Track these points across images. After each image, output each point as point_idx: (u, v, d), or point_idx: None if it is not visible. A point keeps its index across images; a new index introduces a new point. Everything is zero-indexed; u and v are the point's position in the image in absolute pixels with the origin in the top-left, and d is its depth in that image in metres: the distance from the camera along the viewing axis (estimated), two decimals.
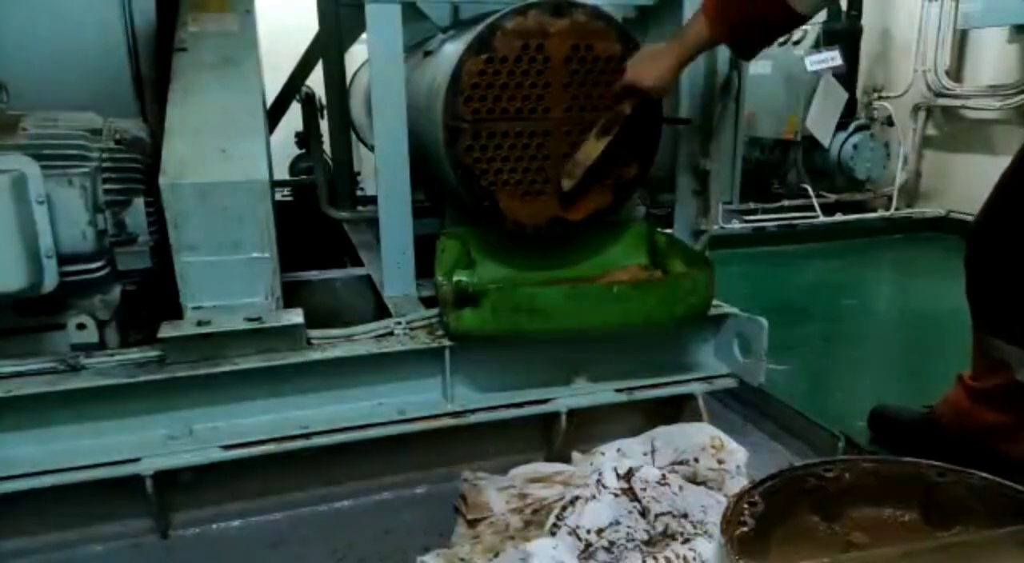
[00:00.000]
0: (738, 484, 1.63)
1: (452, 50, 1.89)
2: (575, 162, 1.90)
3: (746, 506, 1.20)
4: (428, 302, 2.03)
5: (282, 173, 3.94)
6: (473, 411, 1.82)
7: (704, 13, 1.72)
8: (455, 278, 1.89)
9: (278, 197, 3.40)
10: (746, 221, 4.64)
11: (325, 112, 3.13)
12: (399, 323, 1.88)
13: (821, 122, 4.83)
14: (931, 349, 2.86)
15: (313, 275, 2.34)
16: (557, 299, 1.73)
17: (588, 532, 1.44)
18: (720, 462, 1.70)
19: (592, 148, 1.89)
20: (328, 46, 3.00)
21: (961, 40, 4.82)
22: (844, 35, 4.86)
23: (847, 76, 4.88)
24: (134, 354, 1.71)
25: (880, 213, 5.00)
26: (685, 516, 1.51)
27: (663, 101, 1.99)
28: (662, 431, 1.82)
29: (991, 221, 1.69)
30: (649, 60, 1.82)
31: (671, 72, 1.80)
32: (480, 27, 1.80)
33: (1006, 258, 1.65)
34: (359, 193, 3.46)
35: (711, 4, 1.71)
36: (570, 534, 1.44)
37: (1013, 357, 1.66)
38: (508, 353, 1.89)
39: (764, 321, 1.89)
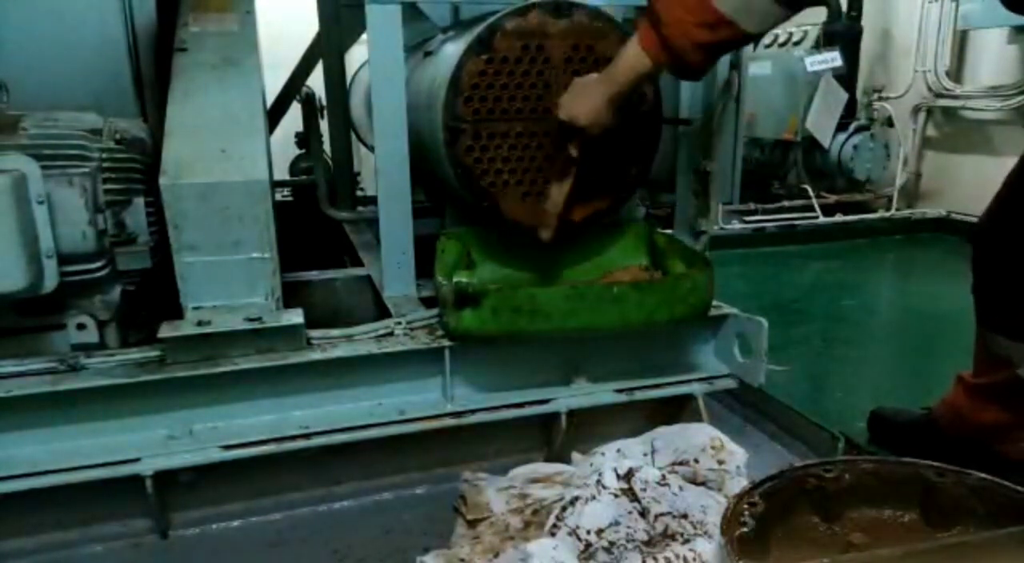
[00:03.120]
0: (738, 485, 1.63)
1: (452, 50, 1.89)
2: (546, 212, 1.88)
3: (746, 506, 1.20)
4: (428, 302, 2.03)
5: (282, 173, 3.94)
6: (473, 411, 1.82)
7: (642, 43, 1.59)
8: (455, 279, 1.89)
9: (278, 197, 3.40)
10: (746, 222, 4.65)
11: (325, 112, 3.14)
12: (399, 323, 1.88)
13: (821, 123, 4.84)
14: (931, 350, 2.86)
15: (313, 275, 2.34)
16: (557, 300, 1.73)
17: (588, 532, 1.44)
18: (720, 463, 1.70)
19: (557, 195, 1.86)
20: (328, 46, 3.00)
21: (961, 41, 4.83)
22: (844, 36, 4.87)
23: (847, 77, 4.89)
24: (134, 354, 1.71)
25: (880, 214, 5.01)
26: (685, 516, 1.51)
27: (662, 102, 1.99)
28: (662, 432, 1.82)
29: (999, 218, 1.69)
30: (582, 96, 1.71)
31: (604, 109, 1.68)
32: (480, 27, 1.80)
33: (1013, 254, 1.65)
34: (359, 193, 3.46)
35: (649, 34, 1.57)
36: (570, 534, 1.44)
37: (1016, 353, 1.66)
38: (508, 353, 1.89)
39: (764, 321, 1.89)
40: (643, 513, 1.49)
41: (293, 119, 3.43)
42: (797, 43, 4.99)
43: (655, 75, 1.70)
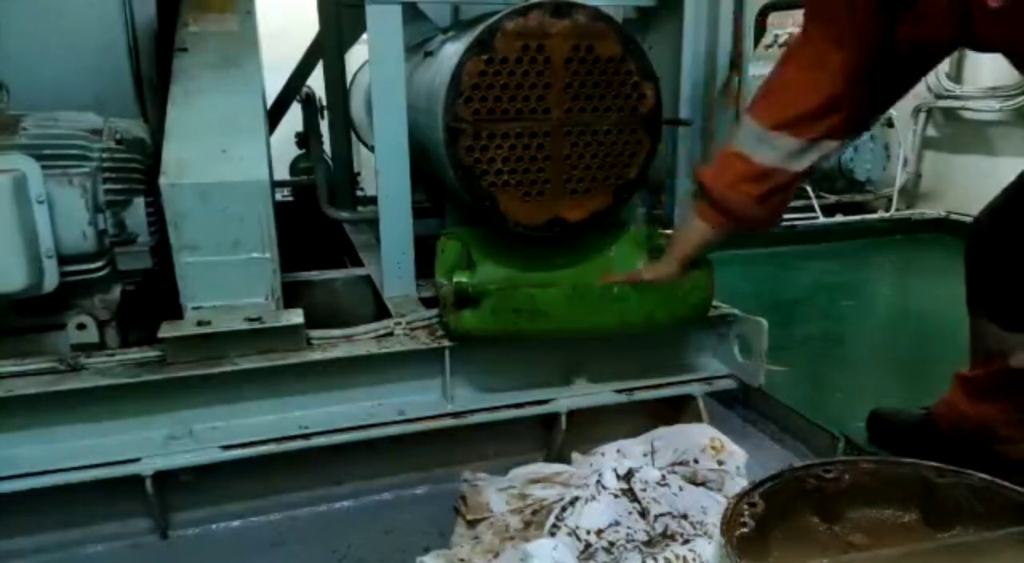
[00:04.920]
0: (738, 485, 1.63)
1: (452, 51, 1.89)
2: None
3: (746, 507, 1.20)
4: (428, 302, 2.03)
5: (282, 173, 3.94)
6: (473, 411, 1.83)
7: (700, 217, 1.74)
8: (455, 279, 1.89)
9: (278, 197, 3.39)
10: None
11: (325, 112, 3.14)
12: (399, 323, 1.88)
13: None
14: (930, 350, 2.86)
15: (313, 275, 2.34)
16: (557, 300, 1.73)
17: (588, 533, 1.44)
18: (720, 463, 1.70)
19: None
20: (328, 46, 3.00)
21: None
22: None
23: None
24: (134, 354, 1.71)
25: (880, 214, 5.01)
26: (685, 517, 1.51)
27: (662, 102, 1.99)
28: (662, 432, 1.82)
29: (999, 212, 1.68)
30: (652, 270, 1.88)
31: (675, 270, 1.82)
32: (480, 28, 1.80)
33: (1008, 246, 1.64)
34: (359, 193, 3.46)
35: (704, 207, 1.72)
36: (570, 535, 1.44)
37: (1008, 344, 1.66)
38: (508, 353, 1.89)
39: (764, 322, 1.89)
40: (643, 513, 1.49)
41: (293, 119, 3.43)
42: None
43: (723, 237, 1.79)
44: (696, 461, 1.71)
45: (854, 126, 1.63)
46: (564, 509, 1.50)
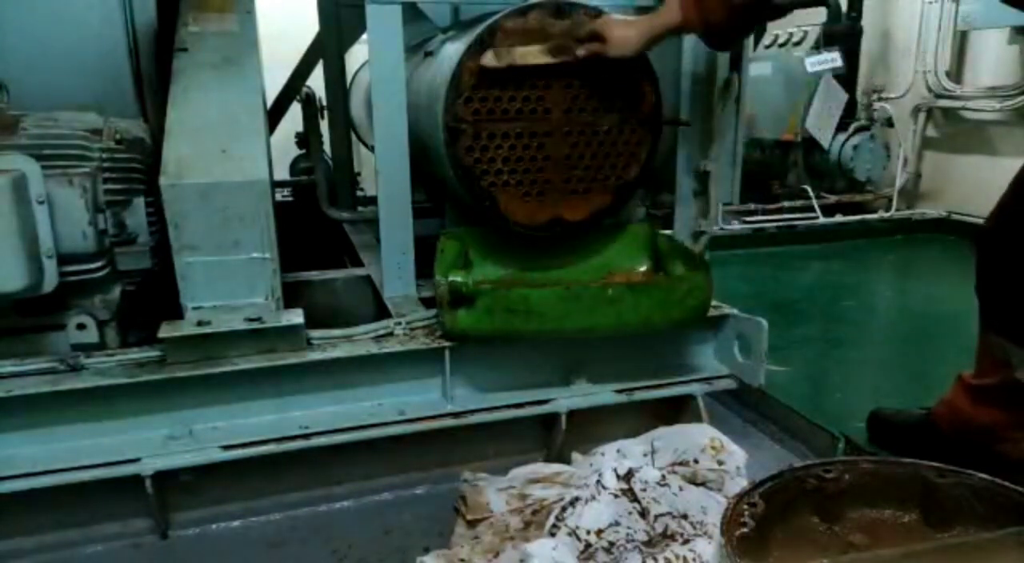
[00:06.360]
0: (738, 485, 1.63)
1: (452, 50, 1.89)
2: (512, 51, 1.80)
3: (746, 507, 1.20)
4: (428, 302, 2.03)
5: (282, 173, 3.94)
6: (473, 411, 1.83)
7: (680, 6, 1.69)
8: (450, 278, 1.89)
9: (278, 197, 3.40)
10: (746, 222, 4.65)
11: (325, 112, 3.14)
12: (399, 323, 1.88)
13: (821, 123, 4.84)
14: (930, 350, 2.86)
15: (313, 275, 2.34)
16: (551, 300, 1.73)
17: (588, 533, 1.44)
18: (720, 463, 1.70)
19: (532, 55, 1.80)
20: (328, 46, 3.00)
21: (961, 41, 4.83)
22: (844, 36, 4.87)
23: (847, 77, 4.89)
24: (134, 354, 1.71)
25: (880, 214, 5.01)
26: (685, 517, 1.51)
27: (662, 102, 1.99)
28: (662, 432, 1.82)
29: (1003, 221, 1.68)
30: (623, 23, 1.81)
31: (634, 40, 1.76)
32: (480, 28, 1.80)
33: (1016, 258, 1.64)
34: (359, 193, 3.46)
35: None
36: (570, 535, 1.44)
37: (1016, 357, 1.66)
38: (508, 354, 1.89)
39: (764, 322, 1.89)
40: (643, 513, 1.49)
41: (293, 119, 3.43)
42: (797, 43, 4.99)
43: (683, 31, 1.79)
44: (696, 461, 1.71)
45: None
46: (564, 509, 1.50)
